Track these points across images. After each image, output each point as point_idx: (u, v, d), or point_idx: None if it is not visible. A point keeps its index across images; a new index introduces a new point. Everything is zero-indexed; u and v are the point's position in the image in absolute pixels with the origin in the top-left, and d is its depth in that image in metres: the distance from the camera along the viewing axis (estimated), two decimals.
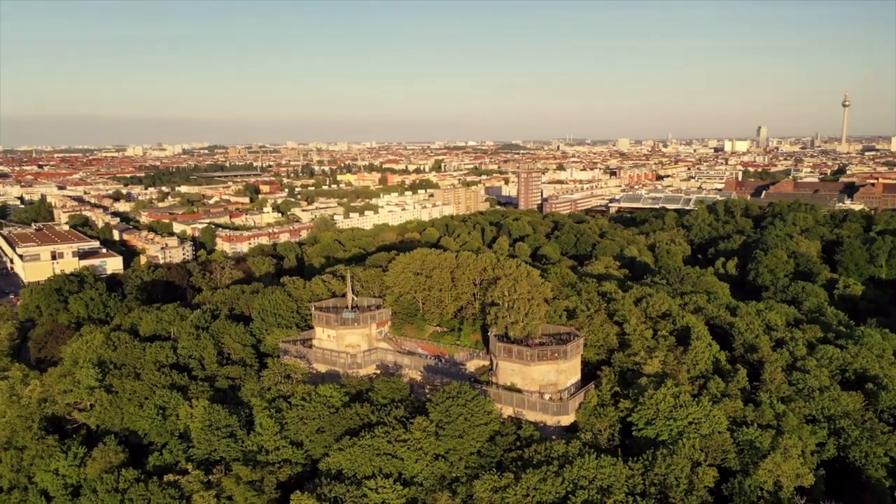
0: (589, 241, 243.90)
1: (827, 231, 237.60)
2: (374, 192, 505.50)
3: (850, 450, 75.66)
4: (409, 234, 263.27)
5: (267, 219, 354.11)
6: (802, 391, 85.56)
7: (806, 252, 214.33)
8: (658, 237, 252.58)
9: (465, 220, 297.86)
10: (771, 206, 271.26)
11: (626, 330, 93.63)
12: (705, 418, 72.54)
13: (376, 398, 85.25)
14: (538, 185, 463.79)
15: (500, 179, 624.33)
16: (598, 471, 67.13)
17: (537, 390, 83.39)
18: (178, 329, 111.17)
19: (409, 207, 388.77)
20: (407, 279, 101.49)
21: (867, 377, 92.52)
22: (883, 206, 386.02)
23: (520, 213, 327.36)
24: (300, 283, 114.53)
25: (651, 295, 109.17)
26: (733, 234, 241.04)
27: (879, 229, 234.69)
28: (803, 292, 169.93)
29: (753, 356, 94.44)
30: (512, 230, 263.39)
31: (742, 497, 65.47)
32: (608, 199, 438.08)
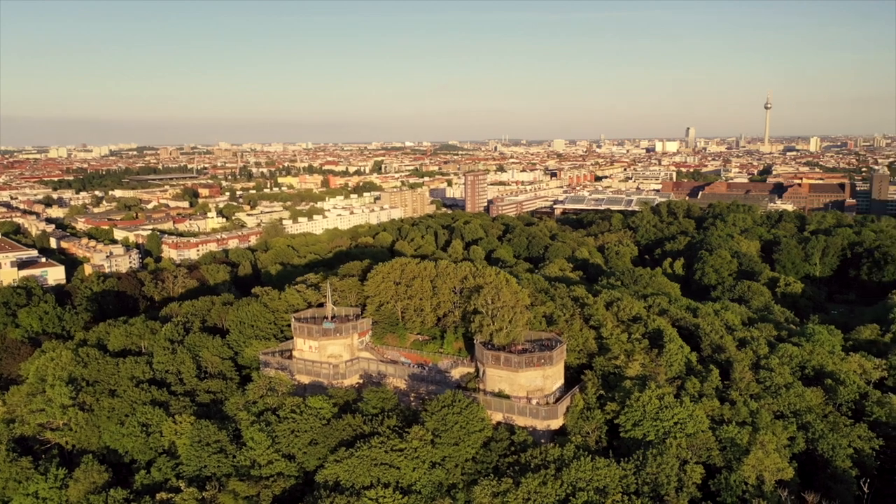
0: (541, 243, 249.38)
1: (764, 231, 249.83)
2: (318, 195, 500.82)
3: (818, 443, 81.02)
4: (362, 238, 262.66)
5: (212, 224, 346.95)
6: (770, 388, 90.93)
7: (747, 252, 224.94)
8: (606, 238, 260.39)
9: (415, 224, 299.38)
10: (711, 208, 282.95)
11: (604, 334, 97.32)
12: (689, 418, 76.58)
13: (366, 408, 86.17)
14: (484, 188, 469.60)
15: (442, 181, 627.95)
16: (593, 472, 70.14)
17: (525, 396, 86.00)
18: (151, 343, 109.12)
19: (358, 211, 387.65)
20: (388, 288, 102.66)
21: (825, 373, 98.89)
22: (809, 205, 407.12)
23: (470, 215, 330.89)
24: (275, 294, 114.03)
25: (620, 299, 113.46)
26: (678, 235, 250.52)
27: (812, 229, 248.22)
28: (749, 291, 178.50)
29: (721, 356, 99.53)
30: (464, 234, 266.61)
31: (728, 492, 69.61)
32: (552, 201, 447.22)
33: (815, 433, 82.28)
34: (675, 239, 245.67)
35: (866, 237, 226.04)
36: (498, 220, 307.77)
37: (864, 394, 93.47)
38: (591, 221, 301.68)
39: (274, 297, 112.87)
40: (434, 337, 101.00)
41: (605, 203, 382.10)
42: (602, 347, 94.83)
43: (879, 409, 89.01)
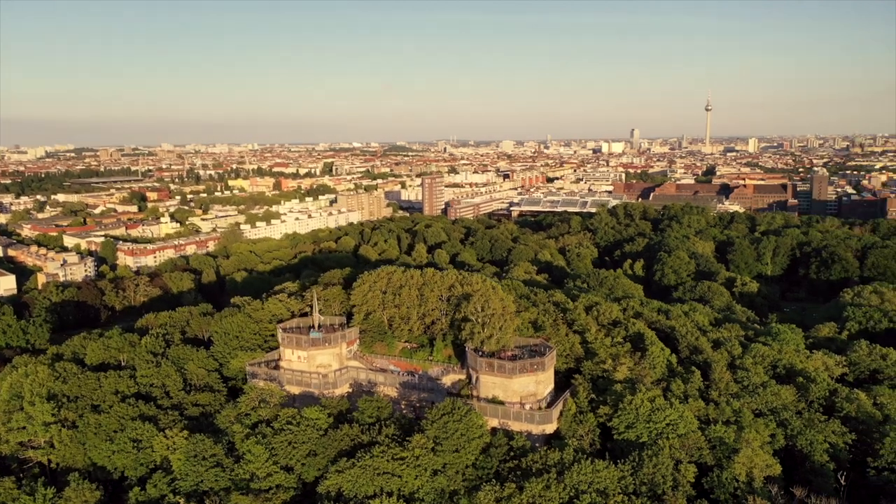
0: (503, 246, 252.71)
1: (718, 232, 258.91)
2: (272, 198, 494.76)
3: (796, 439, 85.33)
4: (325, 243, 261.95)
5: (165, 229, 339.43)
6: (747, 388, 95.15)
7: (702, 252, 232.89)
8: (567, 241, 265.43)
9: (376, 228, 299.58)
10: (666, 210, 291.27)
11: (588, 339, 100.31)
12: (680, 419, 79.88)
13: (362, 418, 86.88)
14: (441, 190, 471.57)
15: (395, 183, 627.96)
16: (594, 475, 72.60)
17: (518, 401, 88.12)
18: (131, 357, 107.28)
19: (316, 215, 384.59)
20: (375, 297, 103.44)
21: (795, 371, 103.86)
22: (754, 205, 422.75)
23: (429, 219, 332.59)
24: (257, 304, 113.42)
25: (599, 303, 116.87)
26: (636, 237, 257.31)
27: (762, 230, 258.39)
28: (709, 291, 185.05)
29: (698, 357, 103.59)
30: (427, 237, 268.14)
31: (721, 489, 72.99)
32: (508, 203, 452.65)
33: (793, 430, 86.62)
34: (634, 241, 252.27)
35: (814, 237, 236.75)
36: (458, 223, 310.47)
37: (833, 390, 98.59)
38: (549, 224, 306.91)
39: (256, 307, 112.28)
40: (422, 345, 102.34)
41: (561, 205, 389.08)
42: (588, 352, 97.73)
43: (849, 405, 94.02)
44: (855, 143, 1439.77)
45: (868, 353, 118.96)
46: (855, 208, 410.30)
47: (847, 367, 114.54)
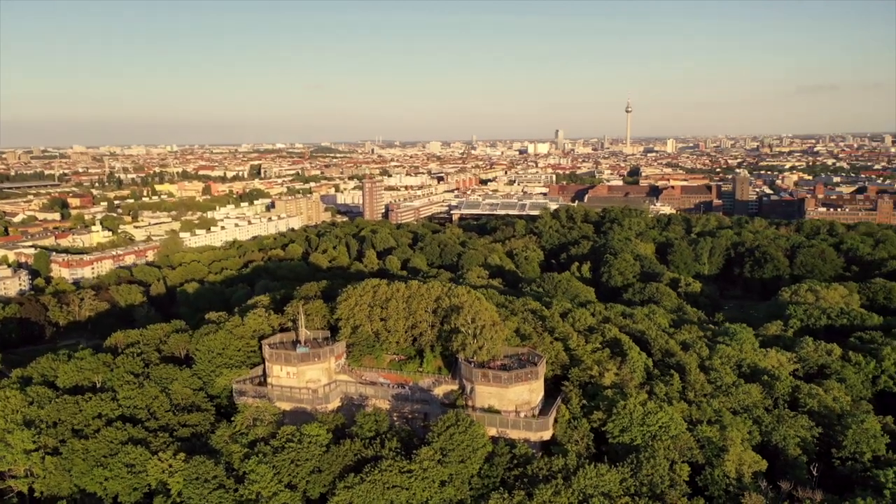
0: (453, 251, 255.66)
1: (657, 234, 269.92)
2: (204, 204, 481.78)
3: (771, 435, 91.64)
4: (272, 251, 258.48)
5: (97, 238, 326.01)
6: (721, 388, 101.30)
7: (645, 254, 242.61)
8: (513, 244, 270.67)
9: (322, 234, 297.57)
10: (606, 212, 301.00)
11: (571, 346, 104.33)
12: (671, 421, 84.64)
13: (362, 432, 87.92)
14: (381, 194, 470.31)
15: (329, 186, 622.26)
16: (598, 479, 76.27)
17: (514, 410, 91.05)
18: (109, 378, 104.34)
19: (256, 221, 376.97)
20: (362, 311, 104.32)
21: (759, 370, 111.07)
22: (682, 205, 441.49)
23: (374, 224, 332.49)
24: (237, 320, 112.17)
25: (572, 310, 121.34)
26: (581, 240, 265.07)
27: (698, 231, 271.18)
28: (657, 293, 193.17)
29: (671, 360, 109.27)
30: (375, 243, 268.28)
31: (715, 486, 78.01)
32: (447, 206, 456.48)
33: (767, 426, 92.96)
34: (579, 243, 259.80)
35: (746, 238, 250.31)
36: (404, 228, 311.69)
37: (795, 387, 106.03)
38: (494, 227, 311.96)
39: (236, 322, 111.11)
40: (410, 357, 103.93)
41: (500, 208, 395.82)
42: (573, 359, 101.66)
43: (811, 400, 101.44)
44: (764, 144, 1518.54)
45: (814, 349, 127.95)
46: (775, 207, 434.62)
47: (797, 363, 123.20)
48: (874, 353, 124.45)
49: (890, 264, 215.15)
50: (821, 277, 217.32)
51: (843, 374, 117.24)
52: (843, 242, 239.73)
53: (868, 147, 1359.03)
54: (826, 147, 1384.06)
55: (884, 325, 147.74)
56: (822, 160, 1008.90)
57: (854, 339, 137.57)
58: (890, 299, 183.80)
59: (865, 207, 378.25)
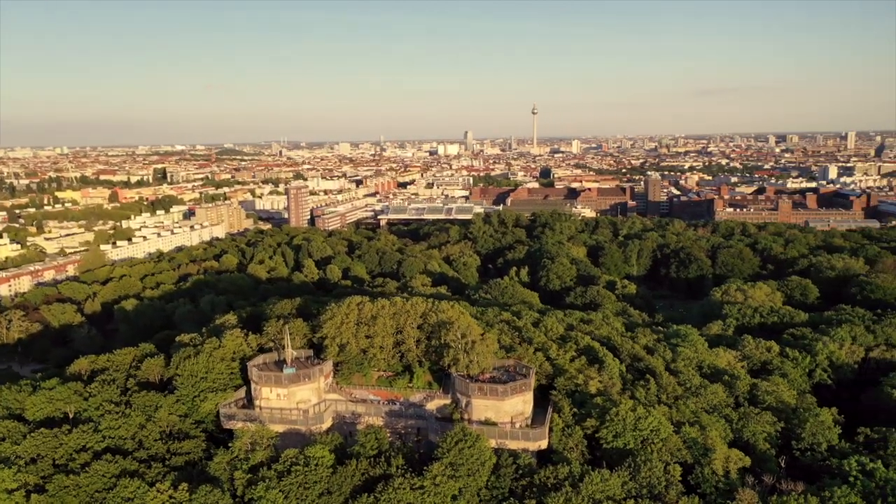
0: (392, 258, 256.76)
1: (587, 237, 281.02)
2: (114, 212, 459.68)
3: (742, 432, 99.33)
4: (206, 262, 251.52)
5: (5, 252, 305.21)
6: (690, 389, 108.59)
7: (579, 258, 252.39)
8: (450, 250, 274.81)
9: (252, 243, 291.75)
10: (536, 217, 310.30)
11: (551, 356, 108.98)
12: (660, 425, 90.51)
13: (364, 451, 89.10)
14: (306, 200, 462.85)
15: (244, 192, 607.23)
16: (603, 484, 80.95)
17: (509, 421, 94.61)
18: (85, 408, 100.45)
19: (179, 231, 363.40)
20: (349, 329, 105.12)
21: (719, 370, 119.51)
22: (599, 207, 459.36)
23: (304, 231, 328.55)
24: (214, 342, 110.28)
25: (542, 320, 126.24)
26: (515, 244, 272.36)
27: (625, 233, 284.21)
28: (598, 296, 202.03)
29: (640, 364, 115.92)
30: (312, 252, 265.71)
31: (706, 484, 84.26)
32: (373, 211, 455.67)
33: (737, 424, 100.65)
34: (514, 248, 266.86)
35: (670, 240, 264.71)
36: (337, 236, 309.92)
37: (753, 385, 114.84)
38: (427, 233, 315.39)
39: (215, 344, 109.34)
40: (397, 373, 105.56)
41: (427, 212, 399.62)
42: (556, 368, 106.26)
43: (769, 397, 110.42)
44: (662, 145, 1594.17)
45: (755, 346, 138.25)
46: (684, 208, 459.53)
47: (741, 361, 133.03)
48: (808, 349, 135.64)
49: (801, 262, 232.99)
50: (740, 276, 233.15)
51: (784, 370, 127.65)
52: (757, 242, 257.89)
53: (755, 147, 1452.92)
54: (718, 147, 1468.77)
55: (810, 322, 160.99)
56: (717, 160, 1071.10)
57: (787, 335, 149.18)
58: (806, 296, 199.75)
59: (767, 207, 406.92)
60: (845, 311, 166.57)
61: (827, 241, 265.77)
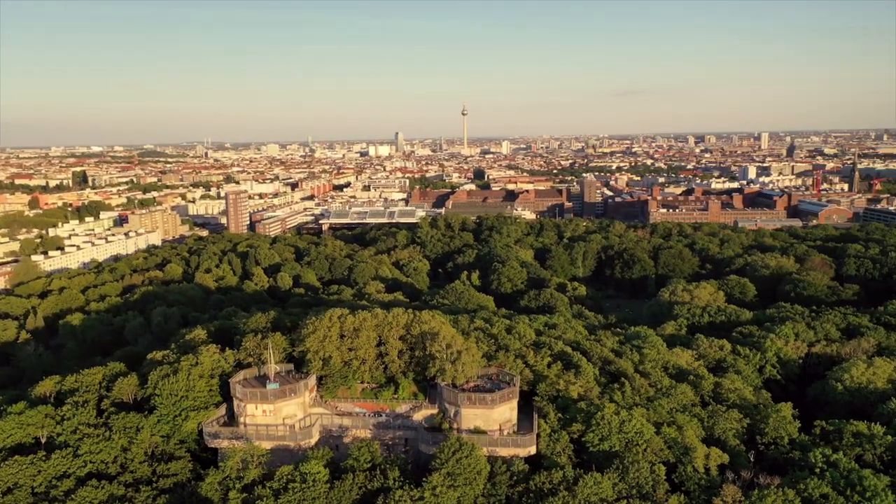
0: (343, 265, 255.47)
1: (533, 240, 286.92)
2: (36, 219, 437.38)
3: (713, 429, 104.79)
4: (149, 272, 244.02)
5: None
6: (661, 390, 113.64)
7: (528, 260, 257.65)
8: (399, 255, 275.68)
9: (195, 251, 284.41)
10: (482, 220, 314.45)
11: (530, 362, 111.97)
12: (643, 427, 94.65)
13: (358, 465, 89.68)
14: (246, 205, 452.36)
15: (174, 196, 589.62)
16: (597, 486, 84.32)
17: (497, 429, 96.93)
18: (59, 432, 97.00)
19: (114, 239, 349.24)
20: (332, 342, 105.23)
21: (683, 370, 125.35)
22: (537, 208, 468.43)
23: (246, 237, 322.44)
24: (191, 359, 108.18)
25: (515, 326, 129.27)
26: (464, 248, 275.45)
27: (569, 236, 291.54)
28: (552, 298, 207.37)
29: (611, 367, 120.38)
30: (259, 259, 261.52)
31: (690, 481, 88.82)
32: (313, 216, 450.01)
33: (708, 422, 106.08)
34: (464, 252, 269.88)
35: (613, 241, 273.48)
36: (282, 242, 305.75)
37: (716, 383, 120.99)
38: (374, 238, 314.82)
39: (191, 361, 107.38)
40: (380, 384, 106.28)
41: (369, 216, 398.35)
42: (535, 374, 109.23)
43: (732, 395, 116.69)
44: (588, 145, 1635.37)
45: (709, 345, 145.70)
46: (619, 209, 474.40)
47: (698, 360, 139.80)
48: (757, 346, 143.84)
49: (737, 262, 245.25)
50: (681, 275, 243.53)
51: (738, 367, 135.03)
52: (695, 243, 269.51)
53: (676, 148, 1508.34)
54: (641, 147, 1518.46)
55: (755, 320, 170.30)
56: (642, 160, 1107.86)
57: (736, 333, 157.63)
58: (744, 294, 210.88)
59: (698, 208, 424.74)
60: (786, 308, 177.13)
61: (758, 240, 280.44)
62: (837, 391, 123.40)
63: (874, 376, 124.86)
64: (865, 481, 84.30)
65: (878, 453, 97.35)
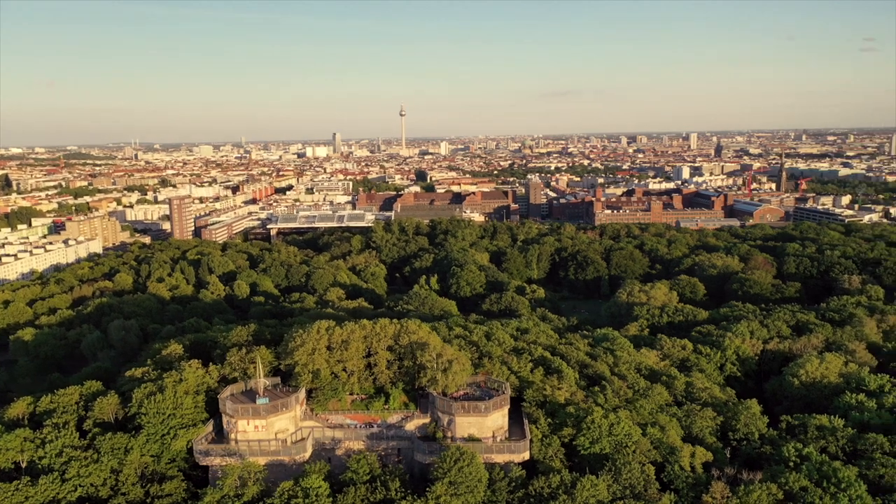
0: (300, 271, 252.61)
1: (488, 243, 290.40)
2: None
3: (692, 428, 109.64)
4: (99, 283, 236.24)
5: None
6: (639, 392, 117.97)
7: (486, 264, 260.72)
8: (355, 260, 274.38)
9: (143, 259, 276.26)
10: (436, 224, 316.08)
11: (514, 368, 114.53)
12: (631, 429, 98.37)
13: (358, 477, 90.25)
14: (190, 211, 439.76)
15: (110, 201, 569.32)
16: (594, 489, 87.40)
17: (491, 436, 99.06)
18: (42, 456, 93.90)
19: (53, 248, 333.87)
20: (321, 354, 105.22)
21: (655, 371, 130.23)
22: (484, 210, 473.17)
23: (197, 244, 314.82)
24: (175, 375, 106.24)
25: (493, 333, 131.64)
26: (421, 253, 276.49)
27: (523, 238, 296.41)
28: (513, 301, 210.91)
29: (588, 371, 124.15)
30: (213, 267, 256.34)
31: (679, 480, 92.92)
32: (259, 221, 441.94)
33: (686, 421, 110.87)
34: (420, 256, 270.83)
35: (566, 243, 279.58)
36: (233, 249, 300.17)
37: (688, 383, 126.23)
38: (328, 243, 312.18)
39: (176, 378, 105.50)
40: (370, 395, 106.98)
41: (318, 221, 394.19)
42: (521, 380, 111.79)
43: (703, 394, 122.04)
44: (525, 145, 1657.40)
45: (672, 345, 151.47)
46: (564, 210, 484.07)
47: (664, 360, 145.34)
48: (717, 345, 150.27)
49: (686, 262, 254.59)
50: (633, 276, 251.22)
51: (701, 366, 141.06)
52: (644, 244, 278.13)
53: (610, 148, 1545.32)
54: (576, 147, 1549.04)
55: (710, 319, 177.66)
56: (579, 161, 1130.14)
57: (695, 333, 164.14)
58: (695, 293, 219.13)
59: (641, 208, 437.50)
60: (738, 307, 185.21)
61: (702, 240, 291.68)
62: (794, 386, 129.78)
63: (827, 371, 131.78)
64: (839, 473, 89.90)
65: (840, 445, 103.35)
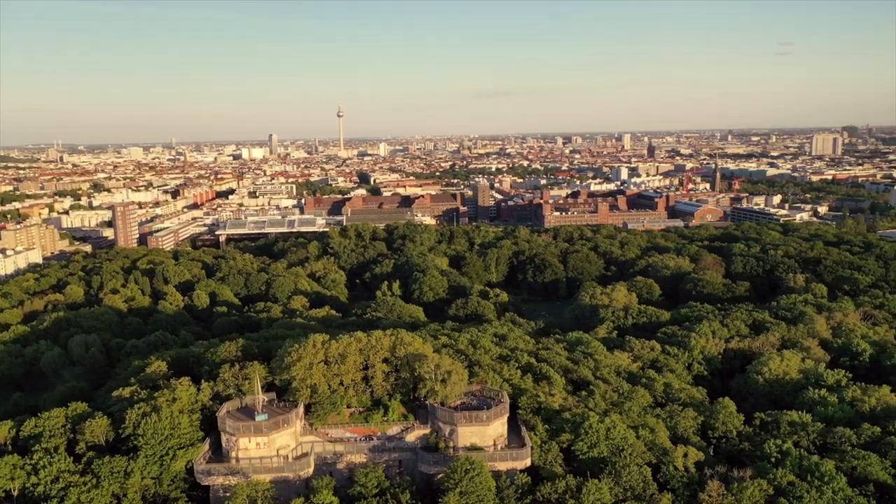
0: (259, 280, 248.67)
1: (446, 247, 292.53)
2: None
3: (676, 428, 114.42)
4: (49, 296, 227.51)
5: None
6: (624, 395, 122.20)
7: (447, 268, 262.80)
8: (314, 267, 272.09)
9: (91, 270, 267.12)
10: (392, 229, 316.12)
11: (506, 377, 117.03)
12: (626, 432, 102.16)
13: (366, 491, 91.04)
14: (135, 218, 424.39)
15: (42, 207, 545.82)
16: (599, 493, 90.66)
17: (492, 444, 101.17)
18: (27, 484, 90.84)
19: None
20: (318, 369, 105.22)
21: (634, 374, 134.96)
22: (433, 213, 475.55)
23: (143, 252, 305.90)
24: (168, 395, 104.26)
25: (477, 341, 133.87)
26: (380, 258, 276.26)
27: (480, 242, 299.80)
28: (479, 306, 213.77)
29: (573, 376, 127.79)
30: (168, 276, 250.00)
31: (675, 480, 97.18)
32: (206, 227, 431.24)
33: (671, 422, 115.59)
34: (380, 262, 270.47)
35: (523, 247, 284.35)
36: (185, 257, 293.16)
37: (667, 384, 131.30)
38: (283, 250, 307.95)
39: (168, 397, 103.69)
40: (367, 407, 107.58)
41: (268, 226, 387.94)
42: (514, 388, 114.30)
43: (682, 394, 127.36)
44: (463, 146, 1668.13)
45: (642, 346, 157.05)
46: (512, 212, 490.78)
47: (635, 361, 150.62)
48: (683, 345, 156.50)
49: (639, 263, 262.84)
50: (590, 277, 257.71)
51: (670, 366, 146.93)
52: (598, 246, 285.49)
53: (547, 148, 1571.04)
54: (514, 148, 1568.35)
55: (673, 320, 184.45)
56: (518, 161, 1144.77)
57: (661, 334, 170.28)
58: (651, 294, 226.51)
59: (588, 210, 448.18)
60: (698, 308, 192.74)
61: (652, 241, 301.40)
62: (759, 383, 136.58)
63: (788, 368, 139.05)
64: (822, 467, 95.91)
65: (811, 439, 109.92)
